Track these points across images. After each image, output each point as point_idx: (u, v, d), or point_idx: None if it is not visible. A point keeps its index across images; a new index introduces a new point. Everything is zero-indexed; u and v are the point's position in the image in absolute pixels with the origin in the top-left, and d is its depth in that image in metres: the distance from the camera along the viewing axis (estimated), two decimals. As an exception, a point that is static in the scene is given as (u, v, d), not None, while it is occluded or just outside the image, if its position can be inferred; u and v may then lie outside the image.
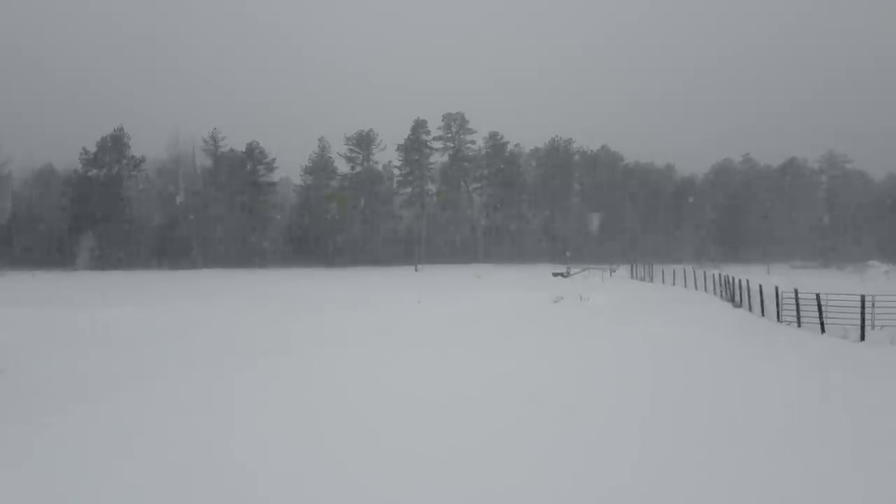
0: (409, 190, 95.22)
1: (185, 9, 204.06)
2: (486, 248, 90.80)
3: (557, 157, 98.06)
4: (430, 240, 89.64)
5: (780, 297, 25.04)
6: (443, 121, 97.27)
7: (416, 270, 72.01)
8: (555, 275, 60.65)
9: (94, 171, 77.95)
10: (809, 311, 22.88)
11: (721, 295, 36.98)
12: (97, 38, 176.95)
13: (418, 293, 37.27)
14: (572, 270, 62.01)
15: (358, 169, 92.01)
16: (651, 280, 54.47)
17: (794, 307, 23.68)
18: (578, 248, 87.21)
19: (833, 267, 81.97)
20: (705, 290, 41.76)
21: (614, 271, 62.91)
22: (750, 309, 28.70)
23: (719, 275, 39.09)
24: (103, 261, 72.78)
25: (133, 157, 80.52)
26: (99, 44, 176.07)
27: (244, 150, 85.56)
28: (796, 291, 23.85)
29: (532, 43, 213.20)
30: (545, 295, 36.31)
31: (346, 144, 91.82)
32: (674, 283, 49.04)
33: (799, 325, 23.42)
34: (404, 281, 52.44)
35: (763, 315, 26.60)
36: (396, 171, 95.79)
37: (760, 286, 27.55)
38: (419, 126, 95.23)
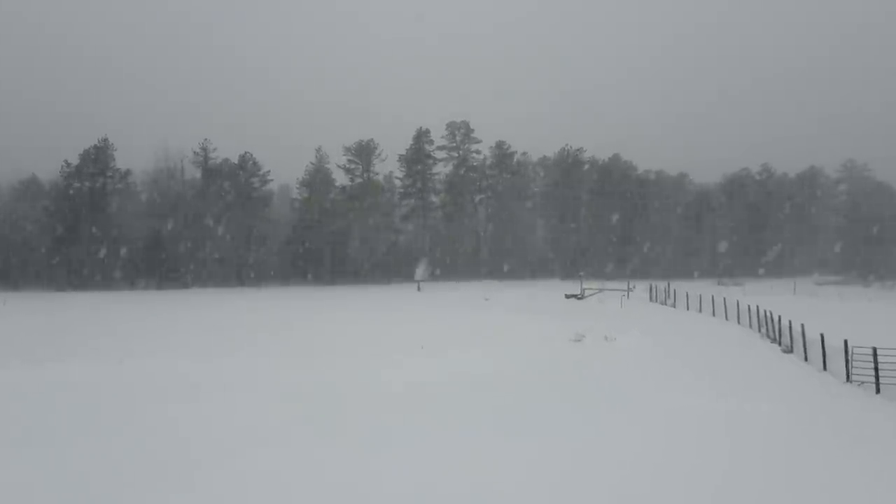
0: (411, 202, 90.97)
1: (175, 13, 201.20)
2: (493, 263, 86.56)
3: (567, 166, 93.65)
4: (433, 254, 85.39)
5: (850, 352, 21.20)
6: (447, 129, 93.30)
7: (419, 290, 67.84)
8: (568, 296, 56.64)
9: (77, 185, 73.56)
10: (888, 370, 19.84)
11: (759, 330, 33.25)
12: (90, 41, 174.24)
13: (421, 330, 33.53)
14: (587, 291, 57.81)
15: (357, 181, 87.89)
16: (674, 304, 50.44)
17: (873, 367, 20.06)
18: (589, 260, 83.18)
19: (858, 284, 77.80)
20: (738, 321, 37.97)
21: (631, 290, 58.72)
22: (806, 358, 24.84)
23: (758, 308, 34.94)
24: (86, 281, 68.76)
25: (118, 169, 76.34)
26: (92, 46, 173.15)
27: (237, 161, 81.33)
28: (875, 351, 20.06)
29: (539, 50, 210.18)
30: (563, 329, 32.52)
31: (344, 155, 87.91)
32: (700, 310, 45.15)
33: (878, 391, 19.66)
34: (405, 308, 48.20)
35: (825, 369, 22.81)
36: (398, 183, 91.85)
37: (822, 336, 23.49)
38: (422, 135, 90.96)
